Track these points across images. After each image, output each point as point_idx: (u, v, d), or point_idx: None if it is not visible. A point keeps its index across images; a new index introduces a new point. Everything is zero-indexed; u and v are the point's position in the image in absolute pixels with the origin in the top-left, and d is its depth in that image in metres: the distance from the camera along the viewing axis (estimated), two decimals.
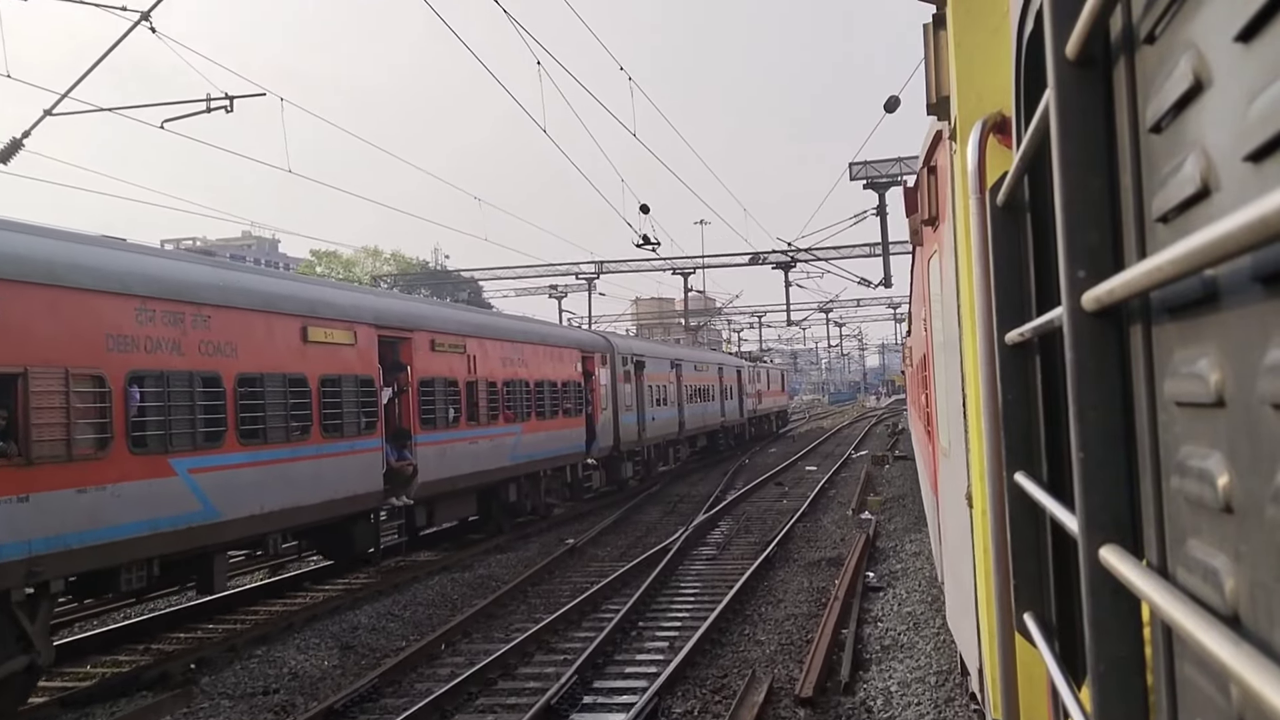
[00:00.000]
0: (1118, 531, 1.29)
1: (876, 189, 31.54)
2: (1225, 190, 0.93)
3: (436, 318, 17.71)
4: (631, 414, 27.64)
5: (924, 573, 13.95)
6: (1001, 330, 2.18)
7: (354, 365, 14.43)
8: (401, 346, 16.11)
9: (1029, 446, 2.16)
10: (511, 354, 20.04)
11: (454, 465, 17.22)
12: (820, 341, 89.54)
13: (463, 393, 17.74)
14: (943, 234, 5.05)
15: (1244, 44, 0.85)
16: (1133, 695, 1.31)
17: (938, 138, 5.05)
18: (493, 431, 18.81)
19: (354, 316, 14.70)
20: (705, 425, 37.62)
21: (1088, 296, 1.25)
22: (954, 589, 5.89)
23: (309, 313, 13.63)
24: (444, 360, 17.22)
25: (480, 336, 18.80)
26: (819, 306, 64.49)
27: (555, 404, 22.04)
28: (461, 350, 17.86)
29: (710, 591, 14.02)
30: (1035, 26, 1.81)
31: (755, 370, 50.26)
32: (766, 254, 42.52)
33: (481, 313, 23.53)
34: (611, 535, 19.61)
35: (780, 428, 58.44)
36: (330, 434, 13.80)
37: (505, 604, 13.74)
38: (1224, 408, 0.95)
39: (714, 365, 40.34)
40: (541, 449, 21.11)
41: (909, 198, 6.66)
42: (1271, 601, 0.83)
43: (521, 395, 20.23)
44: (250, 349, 12.34)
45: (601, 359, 25.63)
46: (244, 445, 12.19)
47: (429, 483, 16.36)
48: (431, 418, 16.60)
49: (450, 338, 17.51)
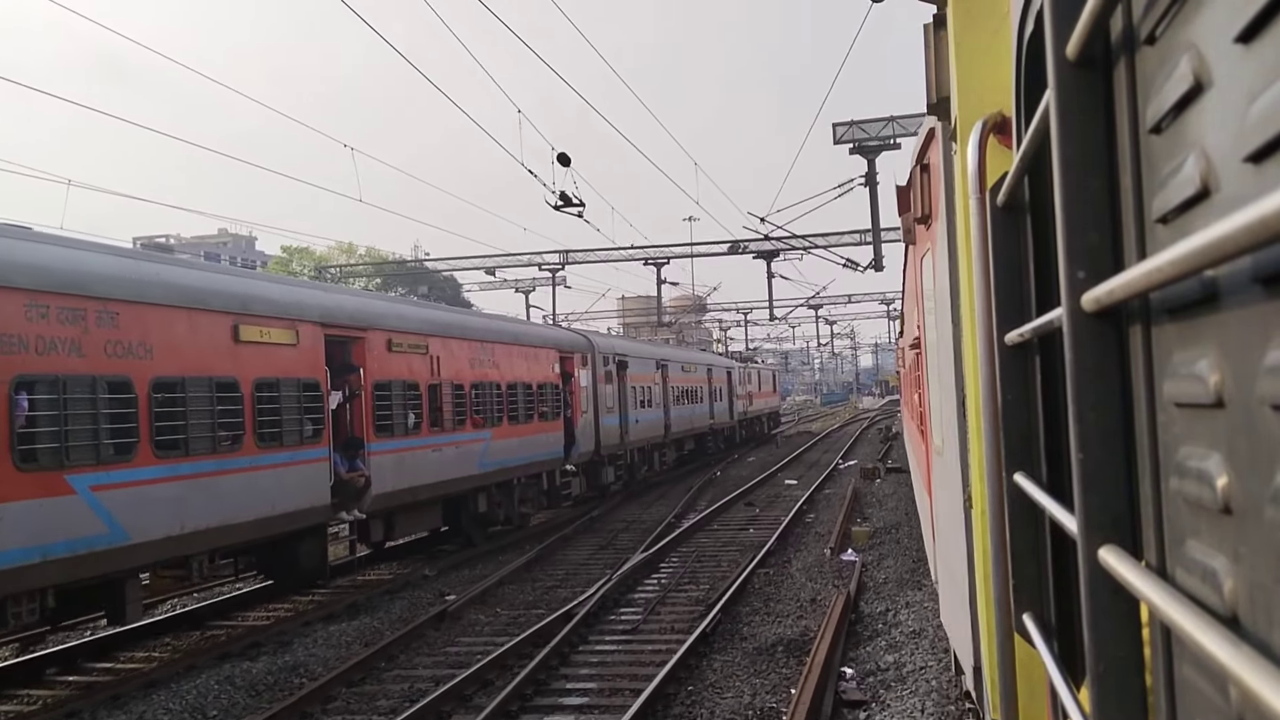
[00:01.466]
0: (1117, 532, 1.29)
1: (865, 154, 27.44)
2: (1225, 191, 0.93)
3: (393, 315, 16.29)
4: (613, 416, 26.23)
5: (932, 670, 9.50)
6: (1001, 330, 2.18)
7: (296, 367, 13.09)
8: (353, 347, 14.79)
9: (1028, 447, 2.16)
10: (481, 354, 18.67)
11: (414, 475, 15.82)
12: (811, 340, 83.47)
13: (424, 396, 16.34)
14: (935, 232, 5.05)
15: (1244, 45, 0.85)
16: (1132, 696, 1.31)
17: (931, 135, 5.05)
18: (459, 438, 17.38)
19: (296, 314, 13.33)
20: (693, 428, 36.29)
21: (1087, 297, 1.25)
22: (948, 586, 5.90)
23: (242, 309, 12.28)
24: (403, 361, 15.87)
25: (445, 336, 17.40)
26: (807, 302, 61.10)
27: (530, 407, 20.66)
28: (423, 351, 16.48)
29: (604, 704, 9.37)
30: (1035, 27, 1.81)
31: (746, 371, 48.81)
32: (746, 242, 38.87)
33: (446, 310, 21.64)
34: (515, 584, 14.96)
35: (772, 429, 56.83)
36: (267, 444, 12.45)
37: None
38: (1223, 409, 0.95)
39: (702, 366, 39.05)
40: (514, 455, 19.69)
41: (901, 196, 6.67)
42: (1270, 602, 0.83)
43: (492, 398, 18.85)
44: (169, 350, 10.99)
45: (582, 359, 24.21)
46: (161, 458, 10.79)
47: (385, 494, 15.00)
48: (388, 424, 15.22)
49: (410, 337, 16.15)
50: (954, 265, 4.26)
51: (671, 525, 20.22)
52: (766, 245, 37.03)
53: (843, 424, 66.02)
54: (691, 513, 22.30)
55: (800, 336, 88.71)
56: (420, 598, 14.41)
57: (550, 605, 13.33)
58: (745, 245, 39.13)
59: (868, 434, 50.60)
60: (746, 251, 39.51)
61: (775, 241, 28.44)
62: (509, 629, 12.25)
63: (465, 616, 13.08)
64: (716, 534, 19.39)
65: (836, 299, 63.52)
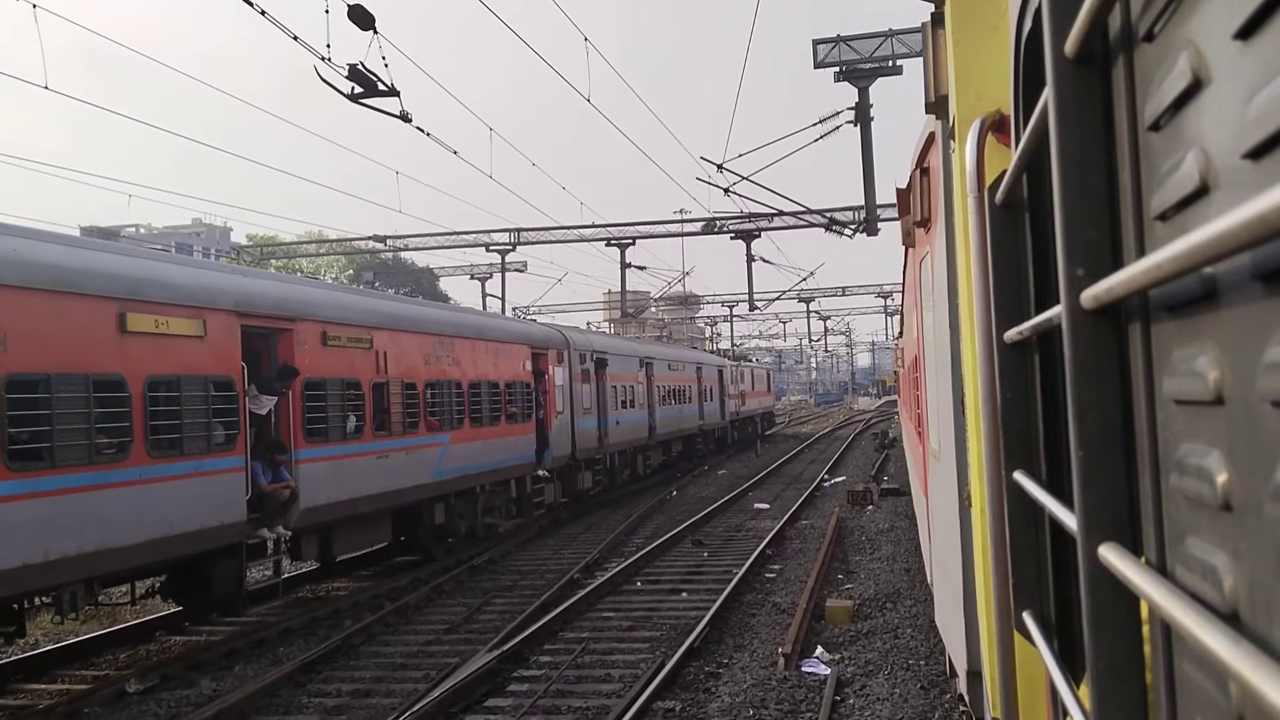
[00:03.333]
0: (1117, 530, 1.30)
1: (854, 80, 21.43)
2: (1224, 188, 0.93)
3: (330, 305, 14.32)
4: (591, 418, 24.43)
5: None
6: (1000, 329, 2.18)
7: (203, 363, 11.35)
8: (279, 340, 12.99)
9: (1028, 445, 2.17)
10: (438, 350, 16.73)
11: (354, 484, 14.00)
12: (804, 338, 77.25)
13: (368, 397, 14.49)
14: (934, 236, 5.07)
15: (1243, 41, 0.85)
16: (1131, 693, 1.31)
17: (930, 139, 5.07)
18: (410, 442, 15.57)
19: (204, 301, 11.48)
20: (681, 429, 34.30)
21: (1086, 295, 1.25)
22: (943, 588, 5.91)
23: (130, 294, 10.43)
24: (341, 357, 14.00)
25: (394, 329, 15.50)
26: (799, 296, 56.52)
27: (496, 408, 18.84)
28: (367, 345, 14.59)
29: None
30: (1034, 25, 1.81)
31: (739, 370, 46.93)
32: (724, 220, 34.75)
33: (397, 300, 19.54)
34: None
35: (766, 430, 54.63)
36: (163, 452, 10.64)
37: None
38: (1223, 405, 0.95)
39: (691, 364, 37.17)
40: (478, 461, 17.85)
41: (901, 198, 6.69)
42: (1270, 599, 0.83)
43: (451, 399, 17.03)
44: (29, 341, 9.26)
45: (556, 356, 22.40)
46: (15, 472, 9.04)
47: (317, 507, 13.18)
48: (321, 428, 13.39)
49: (350, 330, 14.28)
50: (953, 264, 4.27)
51: (574, 583, 14.52)
52: (747, 224, 33.58)
53: (836, 426, 62.06)
54: (616, 557, 16.77)
55: (793, 333, 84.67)
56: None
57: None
58: (723, 224, 35.00)
59: (861, 440, 46.44)
60: (723, 231, 35.29)
61: (740, 198, 22.85)
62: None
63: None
64: (632, 602, 13.38)
65: (829, 291, 59.36)
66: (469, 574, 15.81)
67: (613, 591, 14.13)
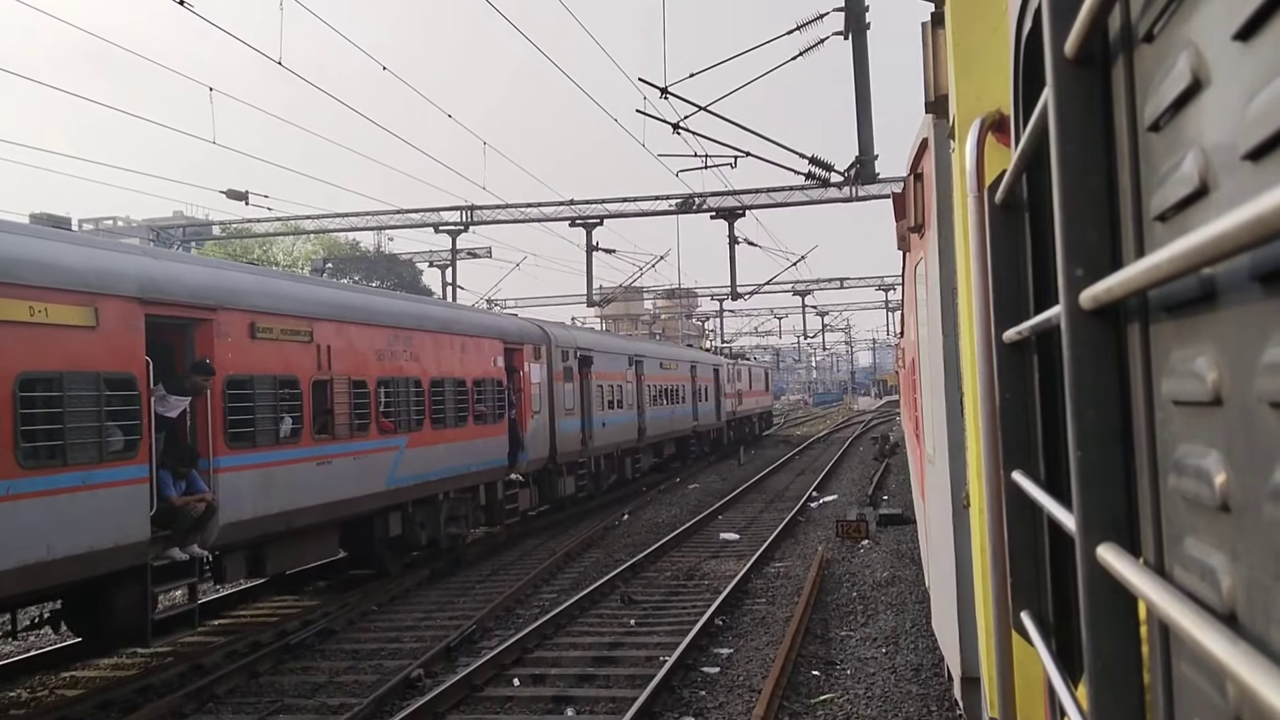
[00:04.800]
0: (1115, 530, 1.30)
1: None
2: (1223, 189, 0.93)
3: (261, 292, 12.55)
4: (574, 419, 22.92)
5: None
6: (999, 329, 2.18)
7: (94, 358, 9.81)
8: (197, 332, 11.32)
9: (1026, 445, 2.17)
10: (393, 344, 15.09)
11: (289, 495, 12.38)
12: (802, 335, 71.21)
13: (306, 396, 12.86)
14: (929, 241, 5.08)
15: (1242, 42, 0.85)
16: (1129, 693, 1.31)
17: (924, 146, 5.08)
18: (359, 447, 13.96)
19: (97, 285, 9.92)
20: (673, 430, 32.62)
21: (1086, 295, 1.26)
22: (940, 592, 5.93)
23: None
24: (273, 352, 12.37)
25: (340, 320, 13.84)
26: (793, 289, 53.27)
27: (462, 408, 17.20)
28: (306, 338, 12.98)
29: None
30: (1034, 25, 1.81)
31: (736, 369, 45.27)
32: (702, 198, 30.61)
33: (343, 288, 17.37)
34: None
35: (763, 430, 52.86)
36: (39, 462, 9.14)
37: None
38: (1221, 406, 0.95)
39: (685, 362, 35.50)
40: (439, 466, 16.19)
41: (897, 203, 6.73)
42: (1268, 600, 0.83)
43: (409, 398, 15.44)
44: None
45: (533, 352, 20.79)
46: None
47: (242, 522, 11.55)
48: (248, 432, 11.73)
49: (286, 321, 12.62)
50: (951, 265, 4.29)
51: (411, 685, 9.92)
52: (729, 201, 29.83)
53: (833, 429, 57.80)
54: (511, 622, 12.48)
55: (791, 330, 77.79)
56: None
57: None
58: (701, 201, 30.79)
59: (859, 445, 42.05)
60: (703, 209, 31.18)
61: (695, 138, 18.08)
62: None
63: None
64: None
65: (825, 283, 55.26)
66: (275, 660, 11.22)
67: (464, 702, 9.36)
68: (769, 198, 30.15)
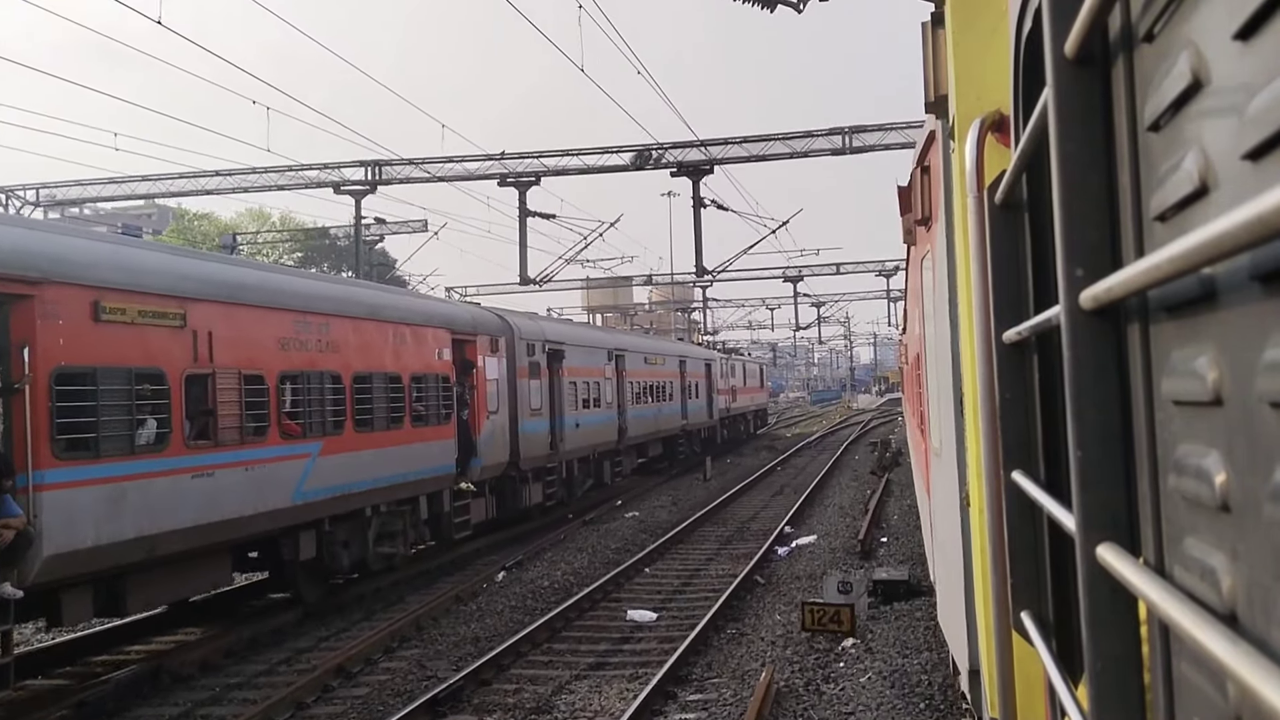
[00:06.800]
0: (1115, 530, 1.30)
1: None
2: (1223, 188, 0.93)
3: (108, 263, 10.19)
4: (540, 419, 20.69)
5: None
6: (999, 329, 2.18)
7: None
8: (12, 312, 9.17)
9: (1026, 445, 2.17)
10: (301, 331, 12.81)
11: (152, 516, 10.10)
12: (794, 328, 64.92)
13: (177, 394, 10.57)
14: (935, 234, 5.09)
15: (1243, 42, 0.85)
16: (1129, 693, 1.31)
17: (931, 138, 5.09)
18: (253, 455, 11.72)
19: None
20: (659, 430, 30.43)
21: (1086, 295, 1.26)
22: (945, 587, 5.95)
23: None
24: (128, 338, 10.09)
25: (228, 301, 11.60)
26: (784, 275, 48.51)
27: (396, 407, 14.86)
28: (176, 321, 10.70)
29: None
30: (1034, 25, 1.81)
31: (730, 364, 43.28)
32: (661, 150, 25.61)
33: (232, 262, 14.23)
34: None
35: (758, 429, 50.74)
36: None
37: None
38: (1221, 406, 0.95)
39: (673, 357, 33.30)
40: (366, 475, 13.90)
41: (902, 197, 6.72)
42: (1268, 600, 0.83)
43: (323, 395, 13.12)
44: None
45: (490, 345, 18.50)
46: None
47: (80, 552, 9.36)
48: (89, 438, 9.55)
49: (147, 300, 10.31)
50: (952, 264, 4.29)
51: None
52: (694, 154, 25.41)
53: (829, 430, 53.06)
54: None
55: (783, 323, 72.11)
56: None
57: None
58: (661, 154, 25.93)
59: (855, 451, 36.67)
60: (663, 165, 26.33)
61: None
62: None
63: None
64: None
65: (820, 269, 50.57)
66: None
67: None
68: (743, 149, 26.18)
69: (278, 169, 30.09)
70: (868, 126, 25.75)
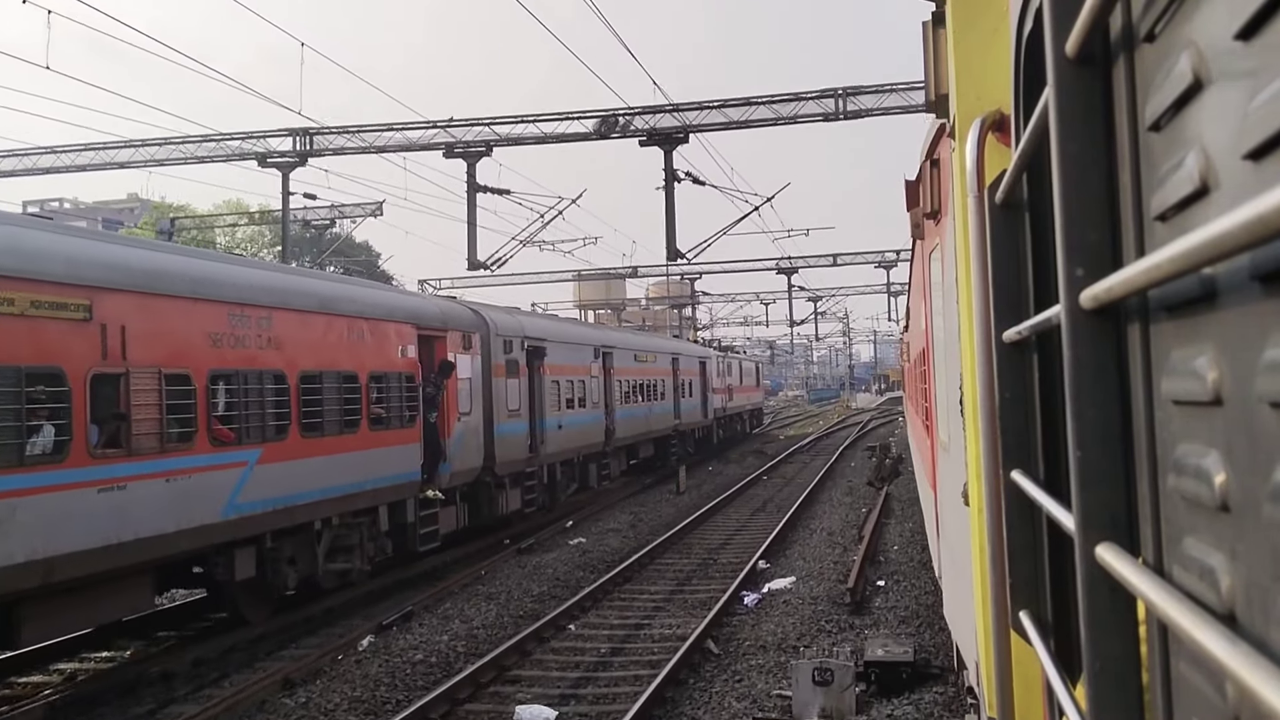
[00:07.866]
0: (1114, 530, 1.30)
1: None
2: (1224, 188, 0.93)
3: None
4: (519, 421, 19.36)
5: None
6: (999, 328, 2.18)
7: None
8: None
9: (1026, 444, 2.17)
10: (236, 325, 11.53)
11: (46, 537, 8.88)
12: (789, 321, 59.75)
13: (80, 396, 9.30)
14: (945, 228, 5.10)
15: (1244, 42, 0.85)
16: (1128, 693, 1.31)
17: (940, 130, 5.09)
18: (176, 464, 10.49)
19: None
20: (650, 431, 29.25)
21: (1086, 295, 1.26)
22: (952, 582, 5.98)
23: None
24: (20, 332, 8.87)
25: (144, 291, 10.28)
26: (778, 267, 45.88)
27: (352, 409, 13.54)
28: (80, 314, 9.41)
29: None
30: (1035, 25, 1.81)
31: (726, 362, 42.42)
32: (629, 115, 22.95)
33: (154, 246, 13.17)
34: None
35: (754, 428, 49.97)
36: None
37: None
38: (1221, 406, 0.95)
39: (665, 355, 32.11)
40: (315, 484, 12.58)
41: (910, 190, 6.69)
42: (1267, 600, 0.83)
43: (263, 396, 11.90)
44: None
45: (461, 341, 17.22)
46: None
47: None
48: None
49: (40, 289, 9.03)
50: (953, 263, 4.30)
51: None
52: (667, 120, 22.72)
53: (825, 432, 50.64)
54: None
55: (778, 319, 67.22)
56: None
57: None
58: (629, 121, 22.98)
59: (853, 455, 34.28)
60: (631, 133, 23.25)
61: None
62: None
63: None
64: None
65: (816, 260, 47.07)
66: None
67: None
68: (722, 114, 23.28)
69: (194, 139, 27.12)
70: (864, 88, 22.88)
